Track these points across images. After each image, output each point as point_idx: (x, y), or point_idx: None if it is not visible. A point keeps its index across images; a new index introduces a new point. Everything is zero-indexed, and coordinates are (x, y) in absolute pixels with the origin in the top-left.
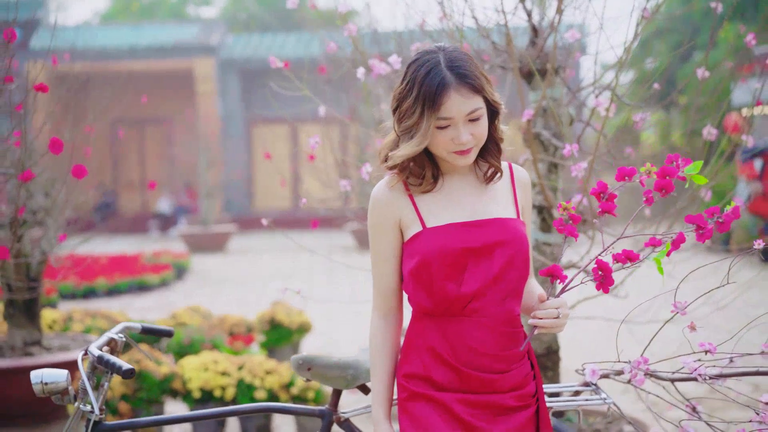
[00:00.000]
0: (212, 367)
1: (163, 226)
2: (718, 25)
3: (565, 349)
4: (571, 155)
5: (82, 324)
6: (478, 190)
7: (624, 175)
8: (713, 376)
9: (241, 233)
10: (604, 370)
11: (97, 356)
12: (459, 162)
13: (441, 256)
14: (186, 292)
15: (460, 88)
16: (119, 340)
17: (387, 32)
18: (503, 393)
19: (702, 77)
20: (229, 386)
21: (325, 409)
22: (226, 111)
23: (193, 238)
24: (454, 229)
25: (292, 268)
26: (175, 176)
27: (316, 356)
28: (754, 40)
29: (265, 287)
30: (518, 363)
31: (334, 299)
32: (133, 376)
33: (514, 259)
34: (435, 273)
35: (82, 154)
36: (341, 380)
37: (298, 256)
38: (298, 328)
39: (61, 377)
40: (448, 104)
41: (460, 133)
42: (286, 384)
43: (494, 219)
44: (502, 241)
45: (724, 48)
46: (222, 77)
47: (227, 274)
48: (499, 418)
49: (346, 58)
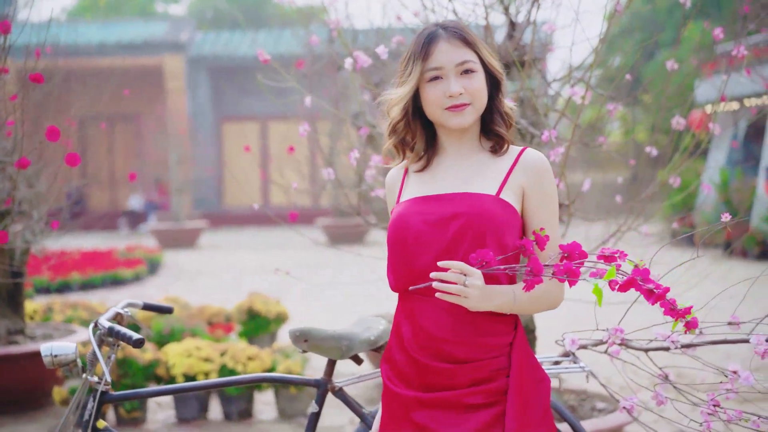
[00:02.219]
0: (195, 353)
1: (133, 223)
2: (682, 22)
3: (541, 329)
4: (549, 141)
5: (63, 314)
6: (468, 167)
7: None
8: (685, 344)
9: (211, 229)
10: (582, 340)
11: (107, 327)
12: (453, 122)
13: (398, 231)
14: (160, 286)
15: (450, 39)
16: (125, 314)
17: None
18: (463, 388)
19: (671, 69)
20: (212, 372)
21: (320, 379)
22: (195, 108)
23: (165, 234)
24: (415, 203)
25: (264, 262)
26: (145, 173)
27: (312, 328)
28: (721, 34)
29: (239, 281)
30: (487, 354)
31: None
32: (143, 346)
33: (466, 233)
34: (395, 246)
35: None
36: (336, 351)
37: (268, 252)
38: (275, 318)
39: (70, 350)
40: (436, 53)
41: (450, 83)
42: (267, 369)
43: (461, 193)
44: (457, 214)
45: (689, 45)
46: (191, 74)
47: (200, 268)
48: (463, 417)
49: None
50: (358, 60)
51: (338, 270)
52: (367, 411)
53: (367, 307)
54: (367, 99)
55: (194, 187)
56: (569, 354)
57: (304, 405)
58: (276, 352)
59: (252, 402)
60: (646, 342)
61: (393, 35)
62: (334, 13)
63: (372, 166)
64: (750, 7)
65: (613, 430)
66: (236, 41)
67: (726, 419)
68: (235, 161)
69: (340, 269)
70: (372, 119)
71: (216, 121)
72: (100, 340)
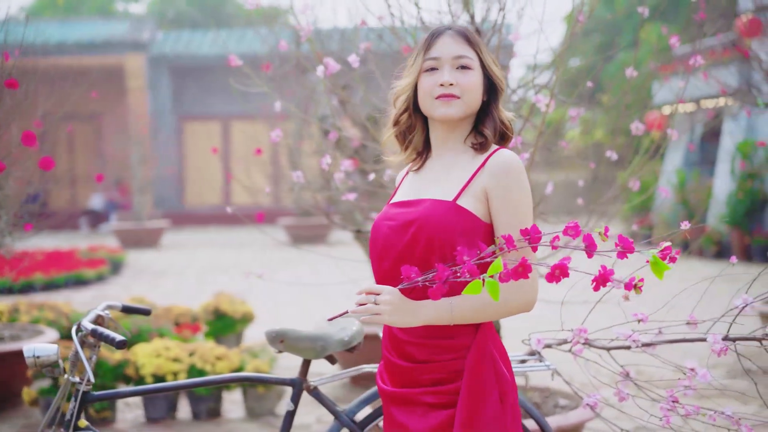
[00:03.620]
0: (164, 353)
1: (94, 223)
2: (640, 26)
3: (509, 330)
4: (515, 147)
5: (29, 315)
6: (444, 171)
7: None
8: (645, 343)
9: (173, 229)
10: (548, 340)
11: (91, 329)
12: (439, 111)
13: (372, 236)
14: (124, 285)
15: (453, 35)
16: (105, 316)
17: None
18: (422, 387)
19: (630, 76)
20: (181, 372)
21: (295, 378)
22: (156, 107)
23: (126, 233)
24: (387, 209)
25: (227, 262)
26: (105, 172)
27: (288, 329)
28: (678, 42)
29: (202, 281)
30: (444, 356)
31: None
32: (125, 347)
33: (419, 239)
34: (370, 252)
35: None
36: (311, 351)
37: (231, 251)
38: (241, 318)
39: (52, 351)
40: (437, 45)
41: (444, 73)
42: (236, 369)
43: (420, 200)
44: (413, 221)
45: (647, 48)
46: (152, 73)
47: (163, 268)
48: (426, 415)
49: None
50: (329, 66)
51: (301, 269)
52: (341, 409)
53: (331, 306)
54: (335, 103)
55: (155, 187)
56: (535, 353)
57: (271, 404)
58: (244, 352)
59: (220, 401)
60: (608, 341)
61: (358, 37)
62: (304, 19)
63: (342, 170)
64: (705, 12)
65: (576, 426)
66: (197, 40)
67: (684, 414)
68: (196, 161)
69: (303, 269)
70: (338, 122)
71: (177, 120)
72: (81, 341)
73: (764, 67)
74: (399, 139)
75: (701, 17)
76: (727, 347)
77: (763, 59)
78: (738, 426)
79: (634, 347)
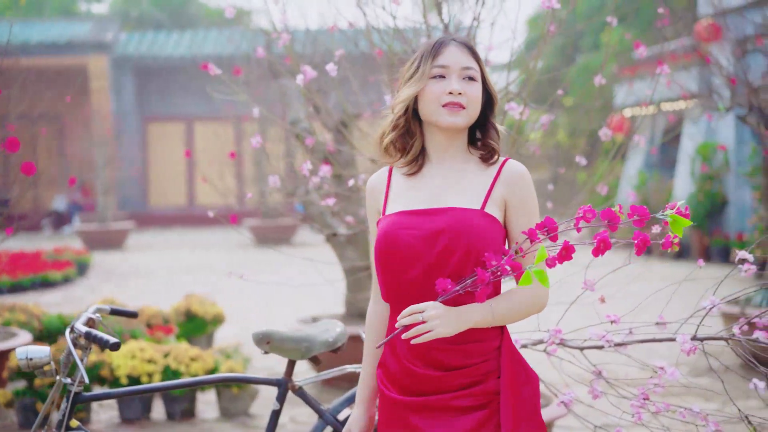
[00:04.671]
0: (139, 354)
1: (57, 224)
2: (601, 29)
3: None
4: None
5: (0, 317)
6: (454, 178)
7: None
8: (617, 343)
9: (137, 230)
10: (523, 340)
11: (84, 332)
12: (446, 120)
13: (385, 243)
14: (90, 287)
15: (459, 46)
16: (96, 319)
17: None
18: (453, 392)
19: (599, 83)
20: (156, 373)
21: (281, 379)
22: (120, 108)
23: (91, 235)
24: (403, 217)
25: (193, 263)
26: (69, 173)
27: (275, 331)
28: (645, 51)
29: (169, 282)
30: (475, 359)
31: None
32: (119, 348)
33: (455, 248)
34: (385, 259)
35: None
36: (296, 352)
37: (196, 252)
38: (212, 319)
39: (44, 353)
40: (445, 53)
41: (452, 81)
42: (210, 370)
43: (448, 208)
44: (445, 229)
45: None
46: (116, 74)
47: (129, 269)
48: (455, 420)
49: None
50: (306, 74)
51: (268, 270)
52: (325, 408)
53: (299, 307)
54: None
55: (119, 188)
56: None
57: (245, 404)
58: (217, 353)
59: (195, 402)
60: (581, 341)
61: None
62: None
63: (320, 175)
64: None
65: (547, 423)
66: (161, 41)
67: (655, 411)
68: (160, 161)
69: (270, 269)
70: (309, 125)
71: (141, 121)
72: (73, 343)
73: (724, 73)
74: (395, 143)
75: (664, 23)
76: (696, 347)
77: (723, 65)
78: (705, 422)
79: (607, 347)
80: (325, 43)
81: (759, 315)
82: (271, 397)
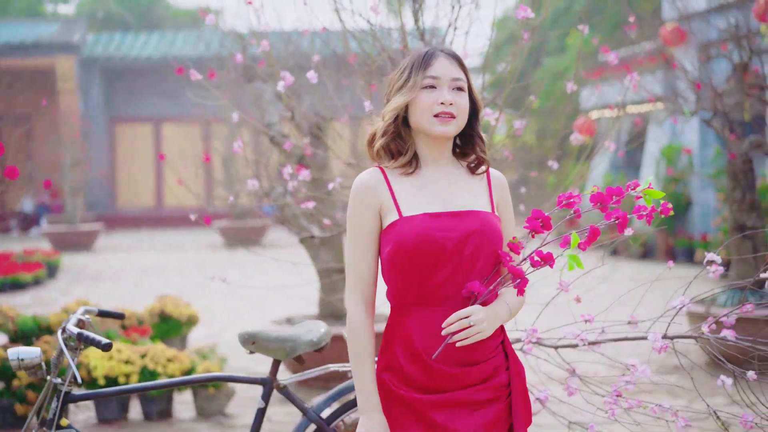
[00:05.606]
0: (116, 355)
1: (25, 226)
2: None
3: None
4: None
5: None
6: (453, 182)
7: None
8: (592, 342)
9: (105, 232)
10: None
11: (77, 333)
12: (438, 129)
13: (418, 245)
14: (61, 289)
15: (448, 57)
16: (86, 320)
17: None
18: (475, 386)
19: (571, 90)
20: (133, 374)
21: (266, 378)
22: (87, 109)
23: (60, 236)
24: (431, 219)
25: (163, 264)
26: (36, 175)
27: (260, 331)
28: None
29: (140, 283)
30: (489, 355)
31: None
32: (111, 349)
33: (484, 250)
34: (412, 261)
35: None
36: (281, 351)
37: (165, 253)
38: (186, 320)
39: (35, 353)
40: (436, 64)
41: (444, 92)
42: (187, 370)
43: (471, 211)
44: (475, 231)
45: (574, 53)
46: (83, 75)
47: (99, 271)
48: (474, 413)
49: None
50: (286, 80)
51: (238, 271)
52: (308, 406)
53: (270, 308)
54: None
55: (86, 189)
56: None
57: (221, 404)
58: (193, 354)
59: (171, 402)
60: (556, 340)
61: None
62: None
63: (300, 179)
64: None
65: None
66: (129, 42)
67: (627, 407)
68: (127, 162)
69: (240, 270)
70: (284, 129)
71: (108, 122)
72: (65, 344)
73: (689, 78)
74: (386, 147)
75: (631, 29)
76: (667, 345)
77: (688, 69)
78: (675, 417)
79: (582, 345)
80: (300, 46)
81: (727, 314)
82: (248, 397)
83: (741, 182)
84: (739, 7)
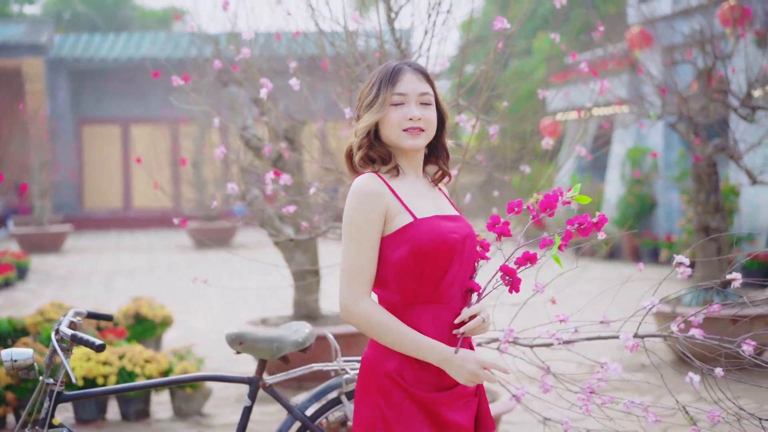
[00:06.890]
0: (94, 356)
1: None
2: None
3: None
4: None
5: None
6: (429, 190)
7: (513, 206)
8: (566, 341)
9: (73, 233)
10: (477, 338)
11: (71, 334)
12: (408, 143)
13: (435, 246)
14: (31, 291)
15: (414, 72)
16: (77, 322)
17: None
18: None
19: (542, 96)
20: (111, 375)
21: (252, 377)
22: (55, 110)
23: (28, 238)
24: (443, 221)
25: (133, 265)
26: (4, 176)
27: (247, 332)
28: (580, 61)
29: (110, 284)
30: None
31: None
32: (104, 350)
33: (473, 250)
34: (429, 261)
35: None
36: (268, 351)
37: (134, 255)
38: (161, 322)
39: (28, 354)
40: (403, 81)
41: (412, 108)
42: (164, 371)
43: (461, 216)
44: (469, 233)
45: (539, 56)
46: (50, 76)
47: (68, 272)
48: (467, 405)
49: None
50: (266, 85)
51: (209, 272)
52: (294, 404)
53: (242, 309)
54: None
55: (54, 191)
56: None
57: (198, 404)
58: (170, 355)
59: (149, 402)
60: (531, 339)
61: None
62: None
63: (282, 183)
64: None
65: (495, 418)
66: (96, 43)
67: (600, 403)
68: (95, 164)
69: (211, 271)
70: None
71: (75, 123)
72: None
73: (655, 82)
74: (366, 157)
75: (598, 34)
76: (638, 344)
77: (653, 74)
78: (646, 413)
79: (556, 344)
80: (275, 50)
81: (695, 314)
82: (225, 397)
83: (705, 185)
84: (703, 12)
